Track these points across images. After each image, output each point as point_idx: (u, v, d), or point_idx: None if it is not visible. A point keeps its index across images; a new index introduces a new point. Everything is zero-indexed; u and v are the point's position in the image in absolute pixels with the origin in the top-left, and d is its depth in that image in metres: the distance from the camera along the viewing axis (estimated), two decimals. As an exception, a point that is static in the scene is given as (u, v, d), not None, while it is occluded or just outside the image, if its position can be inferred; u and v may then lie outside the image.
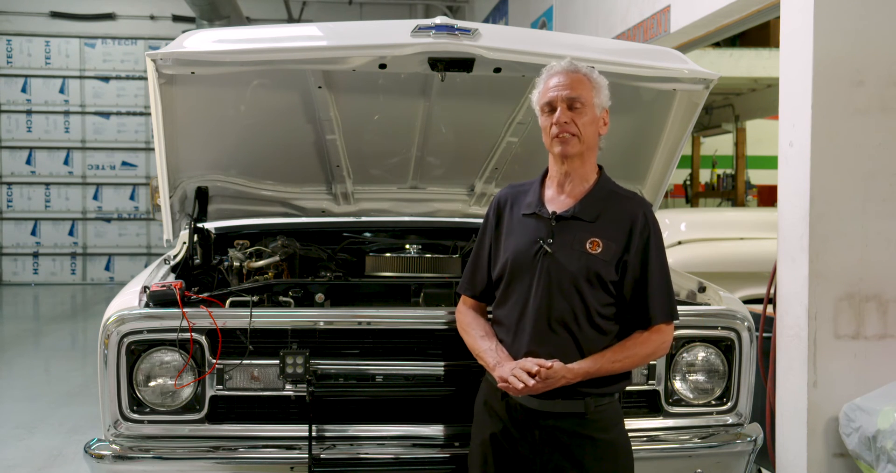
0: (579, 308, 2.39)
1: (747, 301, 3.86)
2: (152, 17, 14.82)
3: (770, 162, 7.45)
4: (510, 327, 2.45)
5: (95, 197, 14.88)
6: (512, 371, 2.34)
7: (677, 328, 2.87)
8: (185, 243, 3.47)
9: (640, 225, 2.45)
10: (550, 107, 2.44)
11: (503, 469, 2.47)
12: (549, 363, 2.32)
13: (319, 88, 3.16)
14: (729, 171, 12.38)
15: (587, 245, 2.41)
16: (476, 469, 2.54)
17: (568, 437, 2.40)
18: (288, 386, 2.77)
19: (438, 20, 2.81)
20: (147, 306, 2.77)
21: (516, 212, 2.53)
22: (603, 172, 2.55)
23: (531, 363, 2.33)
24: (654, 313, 2.43)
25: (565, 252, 2.41)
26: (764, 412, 3.93)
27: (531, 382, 2.30)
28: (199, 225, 3.49)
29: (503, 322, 2.49)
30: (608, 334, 2.44)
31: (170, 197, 3.21)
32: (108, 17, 14.73)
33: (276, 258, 3.40)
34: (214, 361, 2.73)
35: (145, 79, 3.33)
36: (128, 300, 2.84)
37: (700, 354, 2.94)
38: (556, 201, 2.49)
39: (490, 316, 2.60)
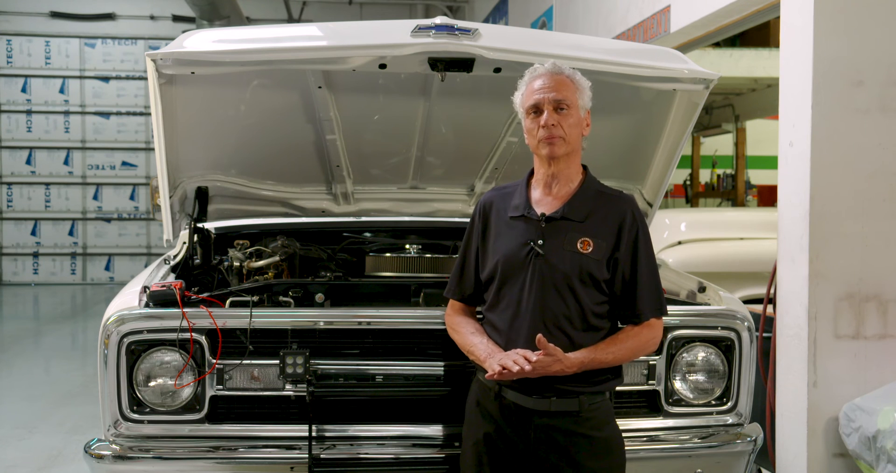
0: (574, 308, 2.40)
1: (747, 301, 3.86)
2: (152, 17, 14.82)
3: (770, 162, 7.45)
4: (504, 329, 2.45)
5: (95, 197, 14.88)
6: (500, 361, 2.34)
7: (678, 328, 2.89)
8: (185, 243, 3.47)
9: (629, 223, 2.47)
10: (536, 109, 2.45)
11: (498, 469, 2.47)
12: (535, 356, 2.31)
13: (319, 88, 3.16)
14: (729, 171, 12.38)
15: (578, 245, 2.42)
16: (471, 469, 2.53)
17: (563, 436, 2.41)
18: (288, 386, 2.77)
19: (438, 20, 2.81)
20: (147, 306, 2.77)
21: (503, 215, 2.54)
22: (588, 172, 2.56)
23: (521, 354, 2.33)
24: (643, 309, 2.46)
25: (557, 253, 2.42)
26: (764, 412, 3.93)
27: (525, 365, 2.29)
28: (199, 225, 3.48)
29: (496, 325, 2.49)
30: (601, 331, 2.46)
31: (170, 197, 3.21)
32: (108, 17, 14.73)
33: (276, 258, 3.40)
34: (214, 361, 2.73)
35: (145, 79, 3.33)
36: (128, 300, 2.84)
37: (700, 354, 2.94)
38: (544, 202, 2.50)
39: (481, 318, 2.59)
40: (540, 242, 2.43)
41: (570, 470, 2.41)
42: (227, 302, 2.87)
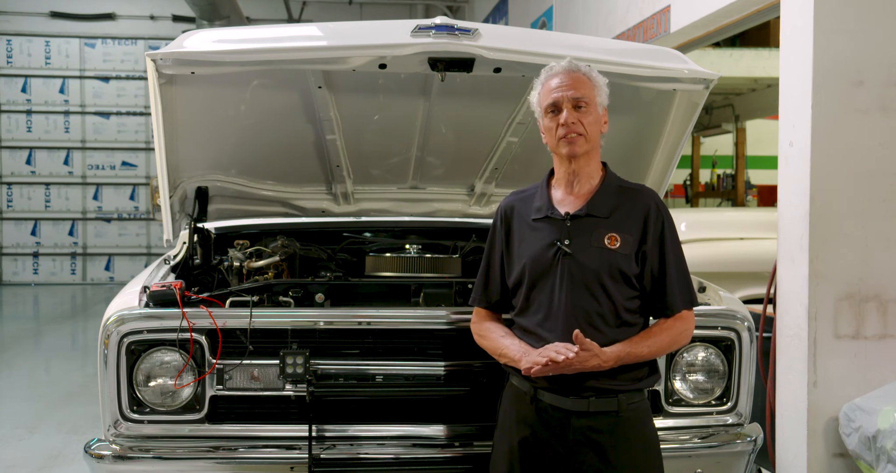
0: (606, 305, 2.38)
1: (747, 301, 3.86)
2: (152, 17, 14.84)
3: (770, 162, 7.46)
4: (536, 332, 2.41)
5: (95, 197, 14.89)
6: (541, 354, 2.30)
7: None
8: (185, 243, 3.47)
9: (654, 215, 2.45)
10: (555, 107, 2.42)
11: None
12: (575, 349, 2.27)
13: (319, 88, 3.16)
14: (729, 171, 12.40)
15: (605, 241, 2.40)
16: None
17: (602, 437, 2.37)
18: (288, 386, 2.77)
19: (438, 20, 2.80)
20: (147, 306, 2.77)
21: (525, 218, 2.51)
22: (608, 169, 2.55)
23: (561, 346, 2.29)
24: (674, 301, 2.43)
25: (585, 251, 2.39)
26: (764, 412, 3.93)
27: (569, 353, 2.25)
28: (199, 225, 3.48)
29: (528, 328, 2.44)
30: (634, 327, 2.43)
31: (170, 197, 3.20)
32: (108, 17, 14.74)
33: (276, 258, 3.40)
34: (214, 361, 2.73)
35: (145, 79, 3.33)
36: (128, 300, 2.84)
37: (700, 354, 2.94)
38: (566, 201, 2.48)
39: (512, 322, 2.55)
40: (566, 241, 2.40)
41: (609, 472, 2.36)
42: (227, 302, 2.87)
